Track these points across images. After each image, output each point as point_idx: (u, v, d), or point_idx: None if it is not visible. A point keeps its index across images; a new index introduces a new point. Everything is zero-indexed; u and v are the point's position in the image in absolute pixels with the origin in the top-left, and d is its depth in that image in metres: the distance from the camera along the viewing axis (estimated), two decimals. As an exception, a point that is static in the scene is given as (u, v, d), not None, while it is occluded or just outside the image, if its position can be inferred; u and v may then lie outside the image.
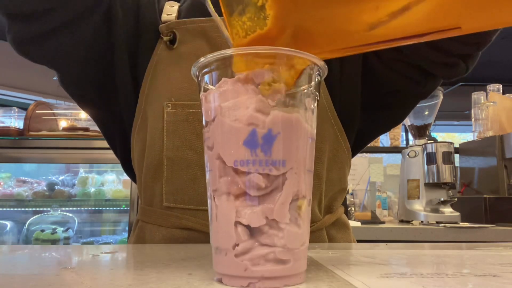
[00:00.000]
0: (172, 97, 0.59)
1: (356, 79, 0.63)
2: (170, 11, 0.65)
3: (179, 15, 0.66)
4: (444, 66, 0.58)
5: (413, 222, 1.73)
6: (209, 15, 0.63)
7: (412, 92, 0.64)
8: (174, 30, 0.62)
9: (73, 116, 2.10)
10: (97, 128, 1.95)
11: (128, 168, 0.72)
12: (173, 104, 0.59)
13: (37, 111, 1.99)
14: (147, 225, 0.63)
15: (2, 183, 2.21)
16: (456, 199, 1.71)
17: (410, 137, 2.05)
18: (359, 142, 0.69)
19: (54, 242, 2.02)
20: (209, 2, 0.36)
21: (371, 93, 0.64)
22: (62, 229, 2.11)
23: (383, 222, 1.75)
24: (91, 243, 2.11)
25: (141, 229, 0.64)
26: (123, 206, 2.14)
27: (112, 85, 0.64)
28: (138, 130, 0.63)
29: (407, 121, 1.91)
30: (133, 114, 0.63)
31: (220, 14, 0.33)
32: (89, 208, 2.21)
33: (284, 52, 0.29)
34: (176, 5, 0.67)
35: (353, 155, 0.70)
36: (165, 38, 0.62)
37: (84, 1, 0.56)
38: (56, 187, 2.14)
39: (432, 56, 0.56)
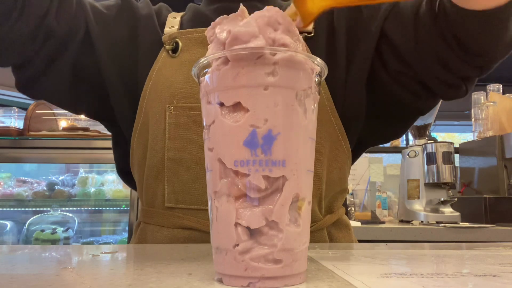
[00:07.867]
0: (174, 100, 0.61)
1: (361, 82, 0.63)
2: (172, 23, 0.67)
3: (181, 25, 0.68)
4: (448, 86, 0.59)
5: (413, 222, 1.73)
6: (210, 25, 0.64)
7: (410, 106, 0.64)
8: (177, 39, 0.64)
9: (73, 116, 2.09)
10: (97, 128, 1.95)
11: (126, 176, 0.74)
12: (175, 106, 0.60)
13: (37, 111, 1.99)
14: (149, 226, 0.64)
15: (2, 183, 2.21)
16: (456, 199, 1.71)
17: (410, 137, 2.05)
18: (357, 150, 0.69)
19: (54, 242, 2.01)
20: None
21: (370, 101, 0.64)
22: (62, 229, 2.11)
23: (383, 222, 1.75)
24: (91, 243, 2.11)
25: (143, 231, 0.65)
26: (123, 206, 2.14)
27: (107, 98, 0.65)
28: (138, 134, 0.64)
29: (407, 121, 1.90)
30: (130, 123, 0.65)
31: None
32: (89, 208, 2.21)
33: (286, 55, 0.29)
34: (178, 16, 0.69)
35: (352, 161, 0.70)
36: (167, 47, 0.64)
37: (58, 41, 0.58)
38: (56, 187, 2.14)
39: (440, 74, 0.57)
